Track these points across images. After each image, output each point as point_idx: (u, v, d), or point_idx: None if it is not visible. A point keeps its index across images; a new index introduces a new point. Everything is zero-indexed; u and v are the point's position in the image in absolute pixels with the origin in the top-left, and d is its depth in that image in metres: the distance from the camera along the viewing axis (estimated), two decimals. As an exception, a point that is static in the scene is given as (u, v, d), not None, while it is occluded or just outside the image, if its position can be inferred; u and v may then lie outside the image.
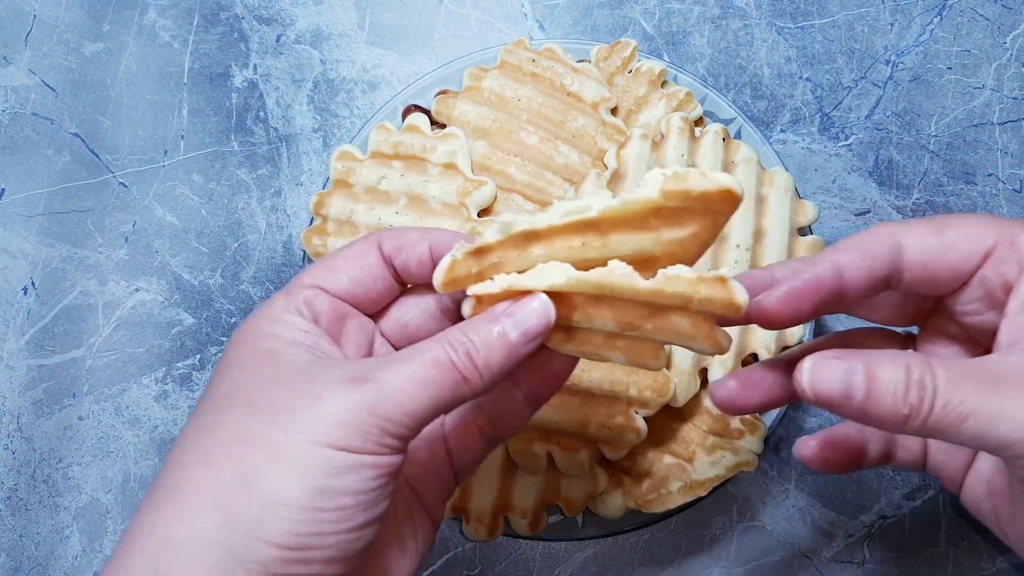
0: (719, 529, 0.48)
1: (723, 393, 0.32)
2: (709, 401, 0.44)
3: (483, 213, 0.45)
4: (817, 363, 0.27)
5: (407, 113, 0.48)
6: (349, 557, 0.25)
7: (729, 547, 0.48)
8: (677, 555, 0.48)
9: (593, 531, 0.44)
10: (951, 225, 0.30)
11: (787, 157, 0.52)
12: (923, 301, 0.33)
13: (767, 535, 0.48)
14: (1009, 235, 0.29)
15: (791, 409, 0.49)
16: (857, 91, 0.53)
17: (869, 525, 0.48)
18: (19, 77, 0.53)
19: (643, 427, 0.41)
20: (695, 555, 0.48)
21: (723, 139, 0.45)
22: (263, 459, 0.24)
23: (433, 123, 0.47)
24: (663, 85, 0.48)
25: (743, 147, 0.46)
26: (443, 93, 0.47)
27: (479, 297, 0.28)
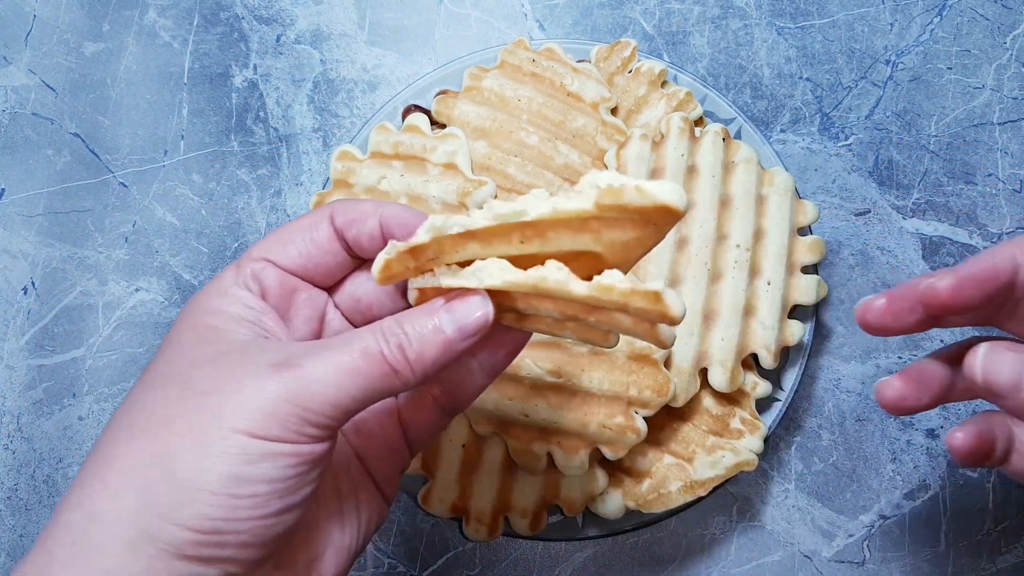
0: (719, 529, 0.48)
1: (892, 393, 0.31)
2: (709, 401, 0.44)
3: (483, 213, 0.45)
4: (992, 351, 0.27)
5: (407, 113, 0.48)
6: (266, 542, 0.25)
7: (729, 547, 0.48)
8: (677, 555, 0.48)
9: (593, 531, 0.44)
10: None
11: (787, 157, 0.52)
12: None
13: (767, 535, 0.48)
14: None
15: (790, 409, 0.49)
16: (857, 91, 0.53)
17: (869, 525, 0.48)
18: (19, 77, 0.53)
19: (643, 427, 0.41)
20: (695, 555, 0.48)
21: (723, 139, 0.45)
22: (181, 442, 0.24)
23: (433, 123, 0.47)
24: (663, 85, 0.48)
25: (743, 147, 0.46)
26: (443, 93, 0.47)
27: (421, 289, 0.28)
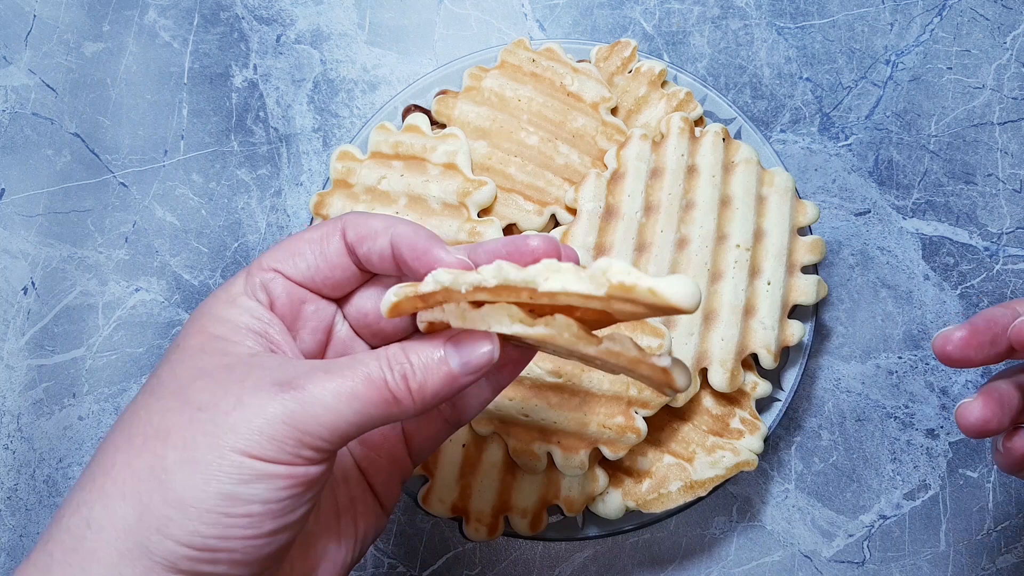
0: (719, 529, 0.48)
1: (976, 416, 0.30)
2: (709, 401, 0.44)
3: (483, 213, 0.45)
4: None
5: (407, 113, 0.48)
6: (259, 560, 0.25)
7: (729, 547, 0.48)
8: (677, 555, 0.48)
9: (593, 531, 0.44)
10: None
11: (787, 157, 0.52)
12: None
13: (767, 535, 0.48)
14: None
15: (790, 409, 0.49)
16: (857, 91, 0.53)
17: (869, 525, 0.48)
18: (19, 77, 0.53)
19: (643, 427, 0.41)
20: (695, 555, 0.48)
21: (723, 139, 0.45)
22: (177, 458, 0.24)
23: (433, 123, 0.47)
24: (663, 85, 0.48)
25: (743, 147, 0.46)
26: (443, 93, 0.47)
27: (431, 325, 0.28)
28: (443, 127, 0.47)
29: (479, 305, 0.27)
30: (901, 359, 0.49)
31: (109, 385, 0.50)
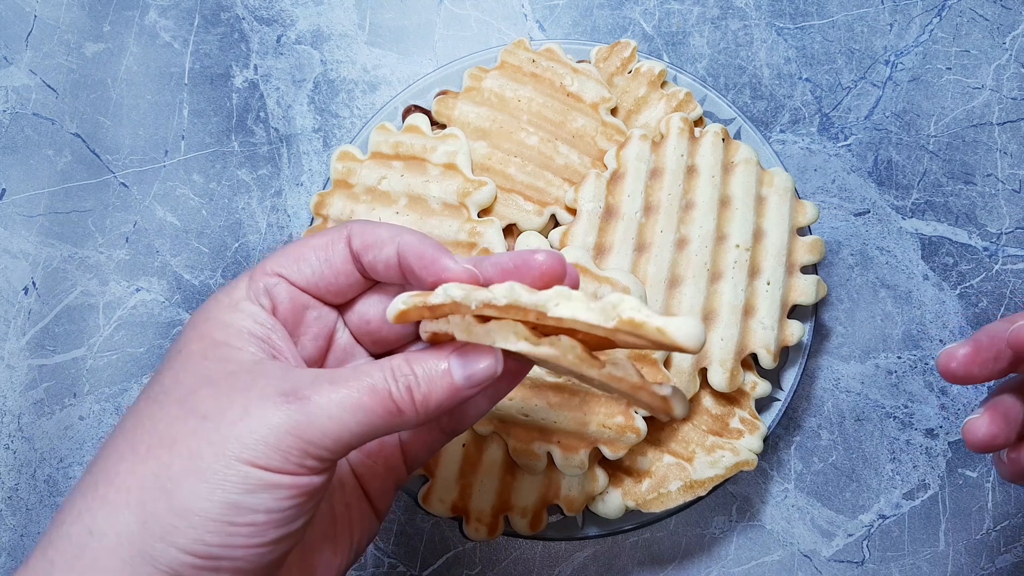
0: (719, 529, 0.48)
1: (983, 433, 0.30)
2: (709, 401, 0.44)
3: (483, 213, 0.45)
4: None
5: (407, 113, 0.48)
6: (261, 568, 0.25)
7: (729, 547, 0.48)
8: (677, 555, 0.48)
9: (593, 531, 0.44)
10: None
11: (787, 157, 0.52)
12: None
13: (767, 535, 0.48)
14: None
15: (790, 409, 0.49)
16: (856, 91, 0.53)
17: (868, 525, 0.48)
18: (20, 77, 0.53)
19: (643, 427, 0.41)
20: (695, 555, 0.48)
21: (723, 139, 0.45)
22: (181, 467, 0.24)
23: (433, 123, 0.47)
24: (663, 85, 0.48)
25: (743, 147, 0.46)
26: (443, 93, 0.48)
27: (435, 336, 0.28)
28: (443, 127, 0.47)
29: (485, 320, 0.27)
30: (900, 359, 0.49)
31: (110, 385, 0.50)
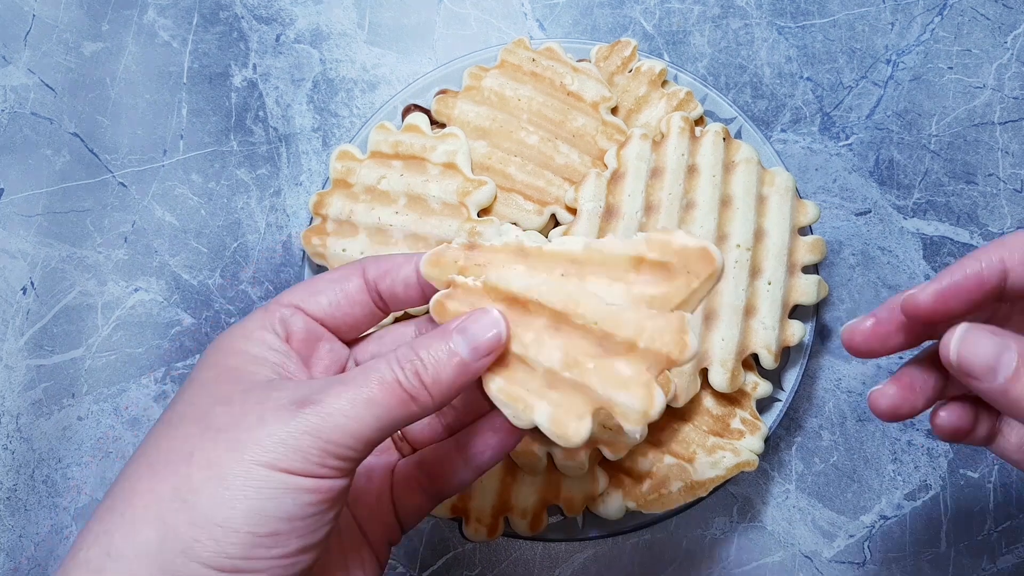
0: (719, 530, 0.48)
1: (886, 402, 0.30)
2: (709, 401, 0.44)
3: (483, 213, 0.45)
4: (969, 332, 0.26)
5: (407, 113, 0.48)
6: None
7: (729, 548, 0.48)
8: (677, 556, 0.48)
9: (593, 531, 0.44)
10: None
11: (787, 157, 0.51)
12: None
13: (768, 536, 0.48)
14: None
15: (791, 410, 0.49)
16: (858, 91, 0.52)
17: (870, 526, 0.48)
18: (18, 77, 0.53)
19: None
20: (695, 556, 0.48)
21: (723, 139, 0.45)
22: (202, 477, 0.24)
23: (433, 123, 0.47)
24: (663, 84, 0.48)
25: (743, 147, 0.45)
26: (443, 93, 0.47)
27: (443, 305, 0.28)
28: (443, 127, 0.47)
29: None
30: (902, 359, 0.49)
31: (108, 385, 0.50)
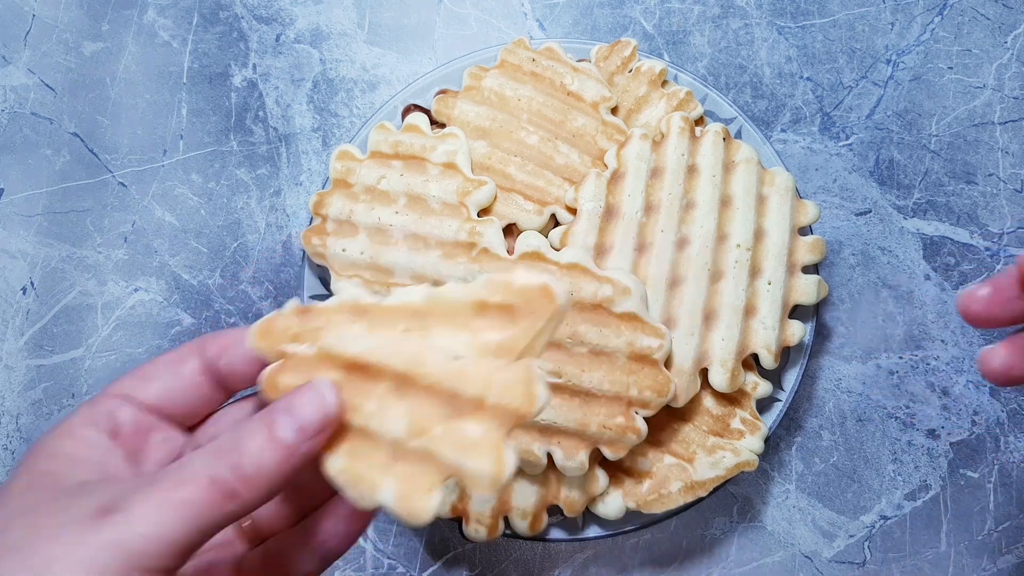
0: (719, 530, 0.48)
1: (999, 363, 0.29)
2: (709, 401, 0.44)
3: (483, 213, 0.45)
4: None
5: (407, 112, 0.48)
6: None
7: (729, 548, 0.48)
8: (677, 556, 0.48)
9: (593, 531, 0.44)
10: None
11: (788, 157, 0.51)
12: None
13: (768, 536, 0.48)
14: None
15: (791, 410, 0.49)
16: (858, 91, 0.52)
17: (870, 526, 0.48)
18: (18, 77, 0.53)
19: (643, 427, 0.41)
20: (695, 556, 0.48)
21: (723, 139, 0.45)
22: None
23: (433, 123, 0.47)
24: (663, 84, 0.48)
25: (743, 147, 0.45)
26: (443, 92, 0.47)
27: (273, 381, 0.26)
28: (443, 127, 0.47)
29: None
30: (902, 359, 0.49)
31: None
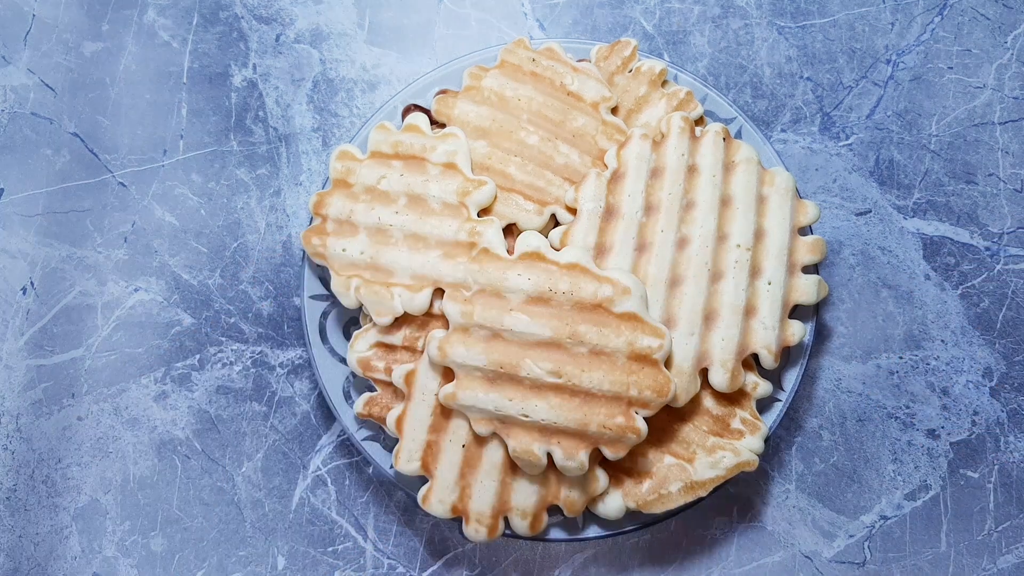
0: (719, 529, 0.48)
1: None
2: (709, 401, 0.44)
3: (483, 213, 0.45)
4: None
5: (407, 112, 0.48)
6: None
7: (729, 548, 0.48)
8: (677, 556, 0.48)
9: (593, 532, 0.44)
10: None
11: (788, 157, 0.51)
12: None
13: (768, 535, 0.48)
14: None
15: (791, 410, 0.49)
16: (858, 91, 0.52)
17: (870, 526, 0.48)
18: (18, 77, 0.53)
19: (643, 427, 0.41)
20: (695, 556, 0.48)
21: (723, 139, 0.45)
22: None
23: (433, 123, 0.47)
24: (663, 84, 0.48)
25: (743, 147, 0.45)
26: (443, 93, 0.47)
27: None
28: (443, 127, 0.47)
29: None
30: (902, 359, 0.49)
31: (108, 385, 0.50)
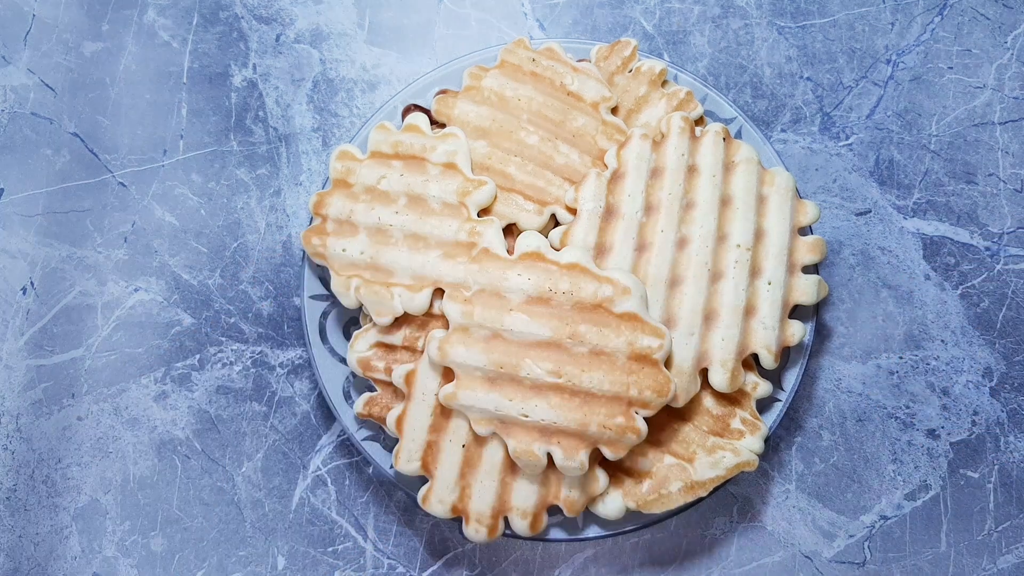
0: (719, 530, 0.48)
1: None
2: (710, 401, 0.44)
3: (483, 213, 0.45)
4: None
5: (407, 112, 0.48)
6: None
7: (729, 548, 0.48)
8: (677, 556, 0.48)
9: (593, 532, 0.44)
10: None
11: (788, 157, 0.51)
12: None
13: (768, 536, 0.48)
14: None
15: (791, 410, 0.49)
16: (858, 91, 0.52)
17: (870, 526, 0.48)
18: (18, 77, 0.53)
19: (643, 427, 0.41)
20: (695, 556, 0.48)
21: (723, 139, 0.45)
22: None
23: (433, 123, 0.47)
24: (663, 84, 0.48)
25: (743, 147, 0.45)
26: (443, 93, 0.47)
27: None
28: (443, 127, 0.47)
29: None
30: (902, 359, 0.49)
31: (108, 385, 0.50)
